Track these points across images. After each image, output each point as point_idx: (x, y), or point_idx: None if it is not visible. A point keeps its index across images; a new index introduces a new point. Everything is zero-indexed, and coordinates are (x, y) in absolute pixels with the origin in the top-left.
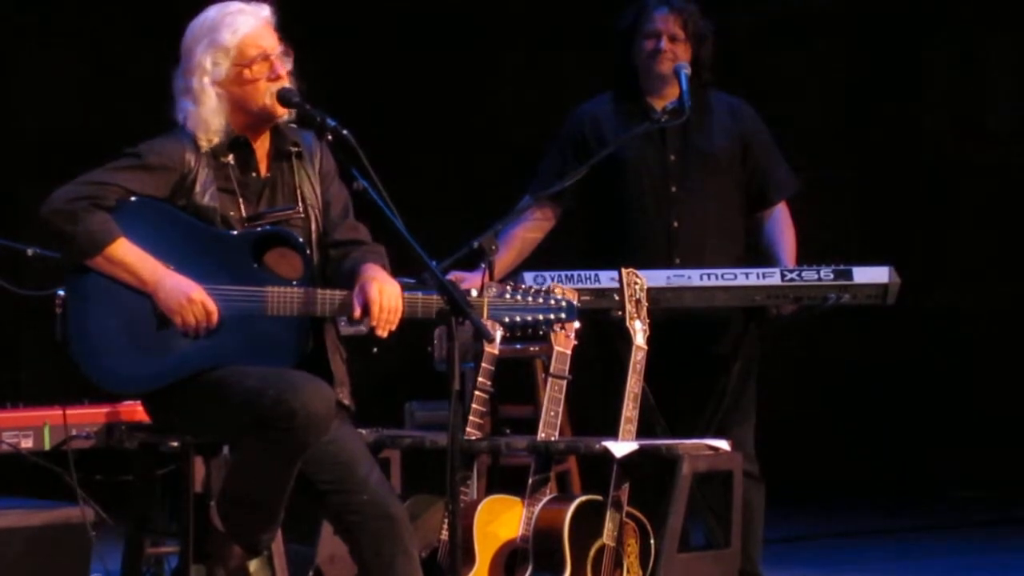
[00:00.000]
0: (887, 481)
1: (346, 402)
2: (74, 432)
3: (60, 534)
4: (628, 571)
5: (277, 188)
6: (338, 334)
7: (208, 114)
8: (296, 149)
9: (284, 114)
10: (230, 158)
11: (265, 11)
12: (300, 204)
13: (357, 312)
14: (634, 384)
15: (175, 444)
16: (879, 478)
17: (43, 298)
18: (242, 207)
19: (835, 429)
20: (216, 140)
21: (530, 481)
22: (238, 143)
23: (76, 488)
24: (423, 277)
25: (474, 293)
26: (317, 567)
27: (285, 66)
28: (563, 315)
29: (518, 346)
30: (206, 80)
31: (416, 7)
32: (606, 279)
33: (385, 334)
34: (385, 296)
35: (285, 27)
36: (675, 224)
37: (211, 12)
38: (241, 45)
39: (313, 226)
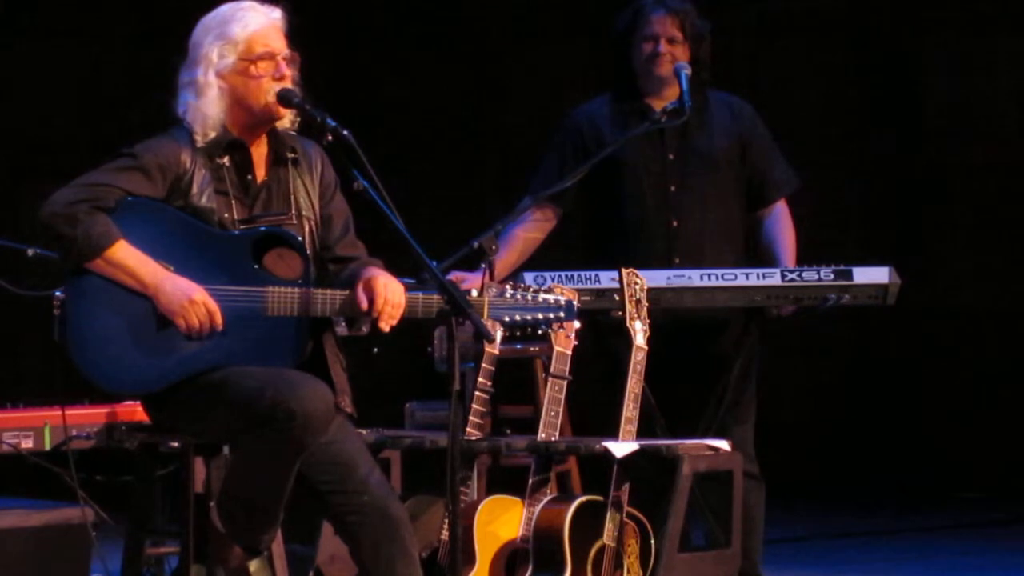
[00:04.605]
0: (887, 481)
1: (348, 410)
2: (74, 432)
3: (60, 534)
4: (628, 571)
5: (272, 193)
6: (337, 340)
7: (208, 107)
8: (293, 155)
9: (284, 115)
10: (226, 160)
11: (276, 13)
12: (293, 210)
13: (363, 304)
14: (634, 384)
15: (175, 444)
16: (879, 478)
17: (43, 298)
18: (235, 210)
19: (835, 429)
20: (212, 135)
21: (530, 481)
22: (235, 146)
23: (77, 488)
24: (423, 277)
25: (474, 293)
26: (317, 567)
27: (290, 70)
28: (563, 314)
29: (518, 346)
30: (211, 72)
31: (417, 6)
32: (606, 279)
33: (387, 328)
34: (389, 291)
35: (292, 32)
36: (674, 224)
37: (223, 8)
38: (249, 40)
39: (307, 234)
